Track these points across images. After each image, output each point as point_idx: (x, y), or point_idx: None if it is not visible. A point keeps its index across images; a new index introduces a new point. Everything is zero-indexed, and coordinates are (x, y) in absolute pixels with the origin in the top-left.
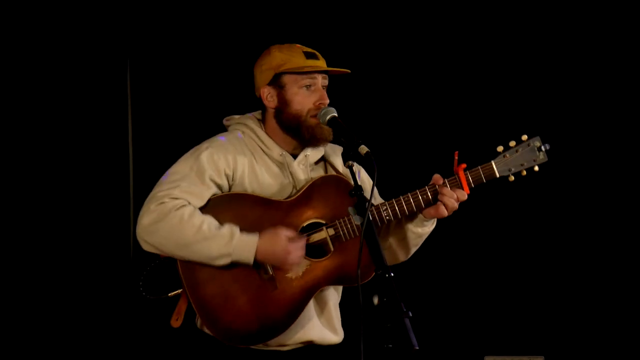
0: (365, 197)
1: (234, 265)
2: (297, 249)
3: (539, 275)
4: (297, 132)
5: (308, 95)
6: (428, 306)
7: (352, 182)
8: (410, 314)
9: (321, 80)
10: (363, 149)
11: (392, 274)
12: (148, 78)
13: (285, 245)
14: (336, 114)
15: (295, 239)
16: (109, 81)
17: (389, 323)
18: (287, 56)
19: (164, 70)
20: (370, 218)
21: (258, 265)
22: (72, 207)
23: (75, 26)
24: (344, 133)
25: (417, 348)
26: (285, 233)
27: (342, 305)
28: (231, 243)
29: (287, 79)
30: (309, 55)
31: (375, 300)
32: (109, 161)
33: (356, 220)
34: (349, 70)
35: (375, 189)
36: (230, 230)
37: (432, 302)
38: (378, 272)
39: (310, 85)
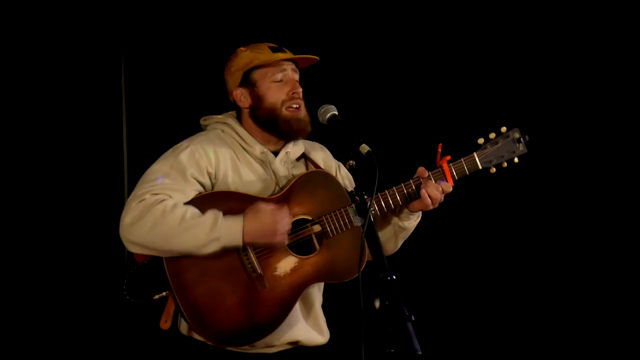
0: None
1: (222, 264)
2: (283, 217)
3: (544, 279)
4: (275, 127)
5: (280, 88)
6: (431, 310)
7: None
8: (413, 318)
9: (291, 72)
10: (364, 148)
11: (395, 277)
12: (142, 72)
13: (271, 215)
14: (336, 112)
15: (278, 208)
16: (103, 75)
17: (391, 327)
18: (253, 54)
19: (158, 65)
20: (372, 220)
21: (246, 263)
22: (64, 205)
23: (69, 20)
24: (344, 132)
25: (420, 353)
26: (266, 205)
27: (336, 305)
28: (216, 227)
29: (257, 75)
30: (275, 50)
31: (377, 304)
32: (102, 156)
33: (357, 221)
34: (317, 58)
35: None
36: (214, 214)
37: (435, 306)
38: (380, 274)
39: (281, 79)
